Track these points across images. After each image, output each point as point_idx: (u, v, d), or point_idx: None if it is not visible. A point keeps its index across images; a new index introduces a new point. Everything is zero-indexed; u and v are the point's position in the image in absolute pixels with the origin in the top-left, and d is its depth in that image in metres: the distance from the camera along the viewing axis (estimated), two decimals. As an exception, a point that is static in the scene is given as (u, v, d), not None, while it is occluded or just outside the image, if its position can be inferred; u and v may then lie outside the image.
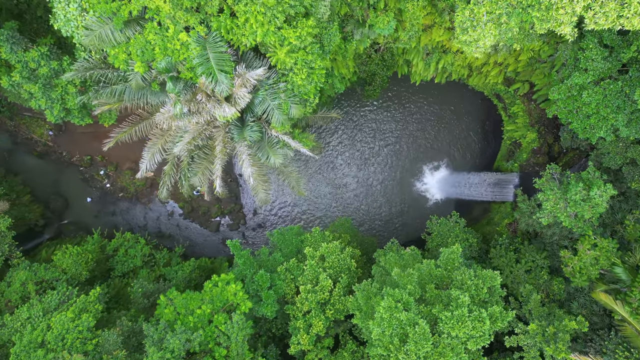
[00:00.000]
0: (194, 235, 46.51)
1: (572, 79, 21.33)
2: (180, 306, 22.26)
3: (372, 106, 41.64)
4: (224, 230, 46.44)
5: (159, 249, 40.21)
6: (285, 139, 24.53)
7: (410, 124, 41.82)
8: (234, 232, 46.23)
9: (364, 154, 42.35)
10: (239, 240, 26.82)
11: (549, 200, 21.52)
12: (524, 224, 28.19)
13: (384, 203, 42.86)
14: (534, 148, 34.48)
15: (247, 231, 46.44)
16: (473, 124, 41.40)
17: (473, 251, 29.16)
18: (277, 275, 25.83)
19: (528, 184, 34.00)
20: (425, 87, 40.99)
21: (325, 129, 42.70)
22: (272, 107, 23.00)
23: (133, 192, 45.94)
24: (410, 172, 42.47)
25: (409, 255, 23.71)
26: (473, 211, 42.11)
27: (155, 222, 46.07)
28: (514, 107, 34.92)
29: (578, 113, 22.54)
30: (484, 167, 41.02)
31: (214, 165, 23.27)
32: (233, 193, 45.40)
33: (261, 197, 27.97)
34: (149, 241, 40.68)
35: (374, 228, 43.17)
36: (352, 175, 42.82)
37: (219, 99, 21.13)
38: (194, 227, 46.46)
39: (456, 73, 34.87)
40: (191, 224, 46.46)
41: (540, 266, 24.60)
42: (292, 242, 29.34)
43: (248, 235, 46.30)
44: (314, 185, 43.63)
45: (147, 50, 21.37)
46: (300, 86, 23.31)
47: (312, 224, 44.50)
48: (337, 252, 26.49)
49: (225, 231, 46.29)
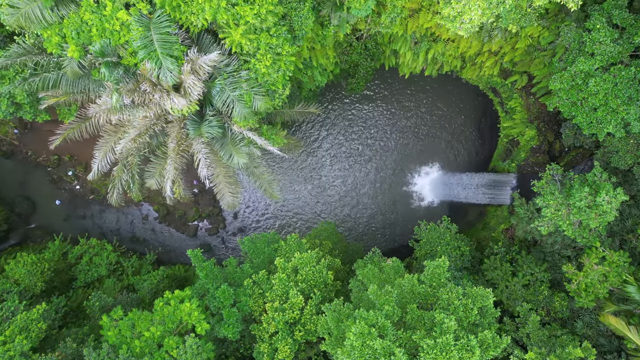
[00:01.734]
0: (170, 241, 43.56)
1: (576, 65, 18.36)
2: (125, 328, 19.29)
3: (358, 102, 38.67)
4: (202, 235, 43.51)
5: (128, 256, 37.22)
6: (250, 135, 21.55)
7: (400, 121, 38.85)
8: (213, 237, 43.30)
9: (351, 154, 39.40)
10: (200, 250, 23.81)
11: (549, 207, 18.56)
12: (521, 230, 25.24)
13: (372, 206, 39.91)
14: (532, 146, 31.53)
15: (226, 236, 43.51)
16: (468, 121, 38.44)
17: (465, 261, 26.20)
18: (243, 290, 22.85)
19: (526, 186, 31.05)
20: (415, 81, 38.01)
21: (308, 126, 39.75)
22: (233, 98, 20.03)
23: (104, 194, 42.93)
24: (400, 173, 39.52)
25: (390, 269, 20.72)
26: (468, 215, 39.17)
27: (128, 227, 43.13)
28: (511, 101, 31.96)
29: (583, 105, 19.55)
30: (480, 167, 38.06)
31: (166, 166, 20.27)
32: (210, 195, 42.46)
33: (227, 201, 25.02)
34: (117, 247, 37.74)
35: (361, 233, 40.21)
36: (338, 177, 39.88)
37: (166, 89, 18.15)
38: (170, 231, 43.51)
39: (448, 64, 31.92)
40: (167, 229, 43.51)
41: (540, 280, 21.65)
42: (263, 250, 26.36)
43: (228, 241, 43.37)
44: (298, 187, 40.71)
45: (83, 32, 18.38)
46: (264, 75, 20.34)
47: (296, 229, 41.60)
48: (312, 263, 23.51)
49: (204, 236, 43.38)
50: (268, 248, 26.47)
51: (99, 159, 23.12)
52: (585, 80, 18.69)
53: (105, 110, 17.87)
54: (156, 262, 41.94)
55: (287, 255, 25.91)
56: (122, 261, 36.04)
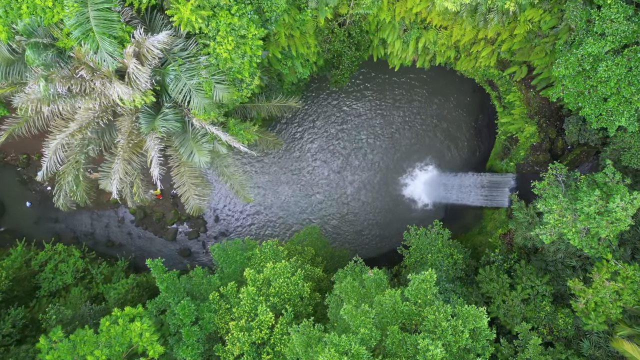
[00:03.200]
0: (148, 245, 41.00)
1: (583, 48, 15.84)
2: (65, 352, 16.73)
3: (346, 97, 36.10)
4: (182, 239, 40.97)
5: (98, 263, 34.64)
6: (213, 130, 18.98)
7: (391, 117, 36.29)
8: (193, 241, 40.79)
9: (339, 153, 36.85)
10: (160, 260, 21.22)
11: (552, 212, 16.03)
12: (520, 237, 22.69)
13: (362, 208, 37.36)
14: (533, 144, 28.97)
15: (207, 240, 40.96)
16: (463, 118, 35.89)
17: (458, 270, 23.66)
18: (208, 305, 20.29)
19: (526, 187, 28.52)
20: (407, 73, 35.43)
21: (293, 123, 37.20)
22: (190, 87, 17.46)
23: (77, 195, 40.23)
24: (391, 173, 36.96)
25: (371, 282, 18.16)
26: (463, 217, 36.61)
27: (103, 230, 40.59)
28: (510, 95, 29.40)
29: (591, 95, 17.01)
30: (476, 167, 35.49)
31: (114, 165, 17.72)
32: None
33: (193, 205, 22.46)
34: (86, 253, 35.16)
35: (349, 237, 37.66)
36: (325, 177, 37.32)
37: (107, 75, 15.58)
38: (148, 235, 40.95)
39: (441, 55, 29.33)
40: (144, 232, 40.95)
41: (542, 294, 19.12)
42: (235, 259, 23.79)
43: (209, 245, 40.81)
44: (283, 189, 38.15)
45: (12, 10, 15.83)
46: (227, 61, 17.76)
47: (281, 233, 39.06)
48: (286, 274, 20.96)
49: (184, 240, 40.84)
50: (241, 256, 23.90)
51: (48, 157, 20.54)
52: (593, 66, 16.15)
53: (34, 100, 15.31)
54: (132, 268, 39.48)
55: (262, 264, 23.38)
56: (91, 268, 33.48)
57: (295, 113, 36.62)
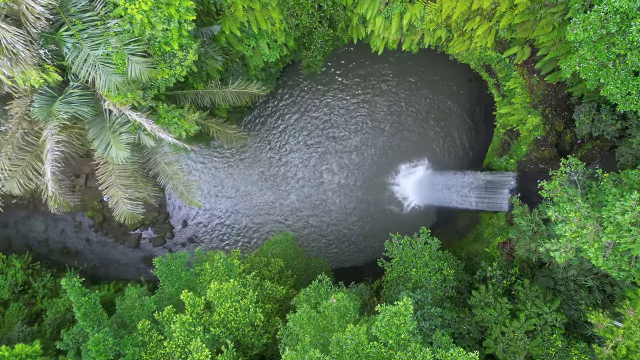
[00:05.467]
0: (108, 252, 36.95)
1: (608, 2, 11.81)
2: None
3: (324, 86, 32.00)
4: (146, 246, 36.88)
5: (43, 274, 30.56)
6: (134, 117, 14.90)
7: (376, 110, 32.21)
8: (159, 248, 36.67)
9: (320, 150, 32.77)
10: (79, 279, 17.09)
11: (568, 221, 12.02)
12: (523, 249, 18.65)
13: (345, 212, 33.29)
14: (536, 138, 24.94)
15: (174, 247, 36.89)
16: (457, 109, 31.83)
17: (448, 288, 19.61)
18: (133, 338, 16.19)
19: (529, 188, 24.58)
20: (393, 59, 31.36)
21: (267, 115, 33.12)
22: (95, 60, 13.38)
23: (29, 198, 36.26)
24: (378, 173, 32.90)
25: (333, 311, 14.08)
26: (458, 222, 32.56)
27: (58, 236, 36.50)
28: (510, 81, 25.35)
29: (617, 67, 12.96)
30: (472, 165, 31.46)
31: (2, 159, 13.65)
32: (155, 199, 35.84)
33: (124, 211, 18.36)
34: (29, 264, 31.09)
35: (329, 245, 33.60)
36: (304, 178, 33.27)
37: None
38: (108, 241, 36.90)
39: (430, 35, 25.28)
40: (104, 238, 36.90)
41: (551, 324, 15.09)
42: (180, 276, 19.70)
43: (176, 252, 36.71)
44: (256, 191, 34.10)
45: None
46: (144, 26, 13.68)
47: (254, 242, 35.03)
48: (234, 296, 16.89)
49: (148, 246, 36.77)
50: (186, 272, 19.81)
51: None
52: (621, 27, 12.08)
53: None
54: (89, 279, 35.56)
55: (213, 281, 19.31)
56: (33, 281, 29.41)
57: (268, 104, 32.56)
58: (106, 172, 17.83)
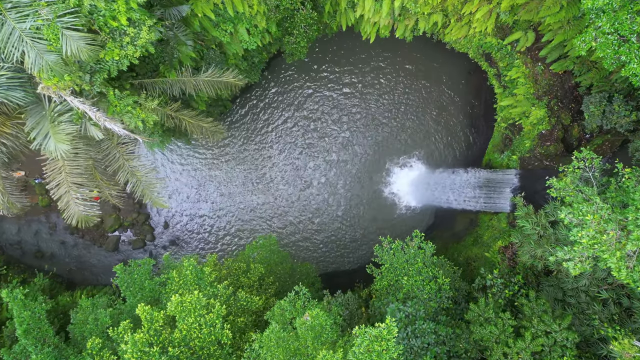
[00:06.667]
0: (85, 256, 34.91)
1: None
2: None
3: (312, 79, 29.87)
4: (125, 249, 34.84)
5: (7, 280, 28.44)
6: (76, 104, 12.77)
7: (369, 103, 30.09)
8: (139, 251, 34.66)
9: (309, 146, 30.67)
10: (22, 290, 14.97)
11: (585, 226, 9.93)
12: (527, 255, 16.56)
13: (336, 212, 31.19)
14: (541, 132, 22.83)
15: (156, 250, 34.82)
16: (456, 102, 29.72)
17: (444, 298, 17.48)
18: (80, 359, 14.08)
19: (532, 187, 22.49)
20: (385, 48, 29.20)
21: (251, 109, 30.99)
22: (21, 34, 11.26)
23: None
24: (370, 171, 30.79)
25: (307, 330, 11.95)
26: (456, 224, 30.44)
27: (32, 238, 34.50)
28: (512, 71, 23.23)
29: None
30: (471, 162, 29.36)
31: None
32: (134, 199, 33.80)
33: (76, 212, 16.23)
34: (-6, 269, 28.98)
35: (318, 248, 31.50)
36: (291, 175, 31.17)
37: None
38: (85, 244, 34.86)
39: (425, 20, 23.16)
40: (81, 241, 34.85)
41: (561, 344, 12.98)
42: (143, 285, 17.56)
43: (158, 255, 34.71)
44: (240, 191, 32.02)
45: None
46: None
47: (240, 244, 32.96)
48: (198, 311, 14.77)
49: (127, 250, 34.73)
50: (150, 282, 17.66)
51: None
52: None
53: None
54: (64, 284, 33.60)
55: (181, 292, 17.21)
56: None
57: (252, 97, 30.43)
58: (55, 168, 15.69)
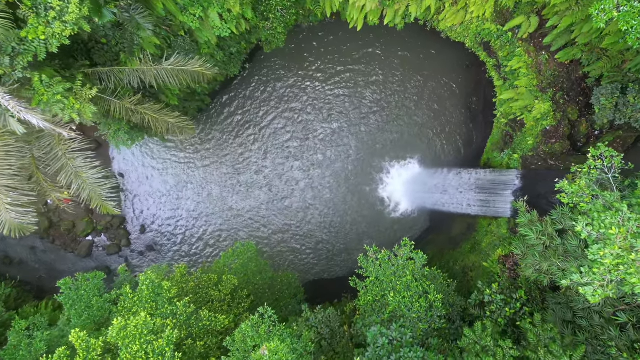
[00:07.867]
0: (56, 262, 32.74)
1: None
2: None
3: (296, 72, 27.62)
4: (99, 255, 32.68)
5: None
6: (-12, 92, 10.54)
7: (358, 99, 27.86)
8: (114, 257, 32.49)
9: (296, 145, 28.46)
10: None
11: (609, 242, 7.71)
12: (531, 268, 14.31)
13: (321, 217, 28.95)
14: (545, 128, 20.58)
15: (131, 256, 32.60)
16: (452, 96, 27.49)
17: (435, 318, 15.25)
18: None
19: (536, 189, 20.27)
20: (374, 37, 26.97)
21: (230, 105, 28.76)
22: None
23: (-35, 200, 31.67)
24: (362, 171, 28.57)
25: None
26: (452, 228, 28.20)
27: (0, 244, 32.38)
28: (513, 61, 20.97)
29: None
30: (468, 161, 27.15)
31: None
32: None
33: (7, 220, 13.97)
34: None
35: (303, 255, 29.29)
36: (276, 175, 28.96)
37: None
38: (56, 249, 32.65)
39: (417, 4, 20.93)
40: (51, 246, 32.65)
41: (574, 381, 10.82)
42: (90, 303, 15.32)
43: (133, 261, 32.51)
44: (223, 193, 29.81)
45: None
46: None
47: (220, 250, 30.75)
48: (144, 336, 12.53)
49: (101, 255, 32.56)
50: (99, 299, 15.40)
51: None
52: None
53: None
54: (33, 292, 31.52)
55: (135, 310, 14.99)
56: (-47, 298, 25.14)
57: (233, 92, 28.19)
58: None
